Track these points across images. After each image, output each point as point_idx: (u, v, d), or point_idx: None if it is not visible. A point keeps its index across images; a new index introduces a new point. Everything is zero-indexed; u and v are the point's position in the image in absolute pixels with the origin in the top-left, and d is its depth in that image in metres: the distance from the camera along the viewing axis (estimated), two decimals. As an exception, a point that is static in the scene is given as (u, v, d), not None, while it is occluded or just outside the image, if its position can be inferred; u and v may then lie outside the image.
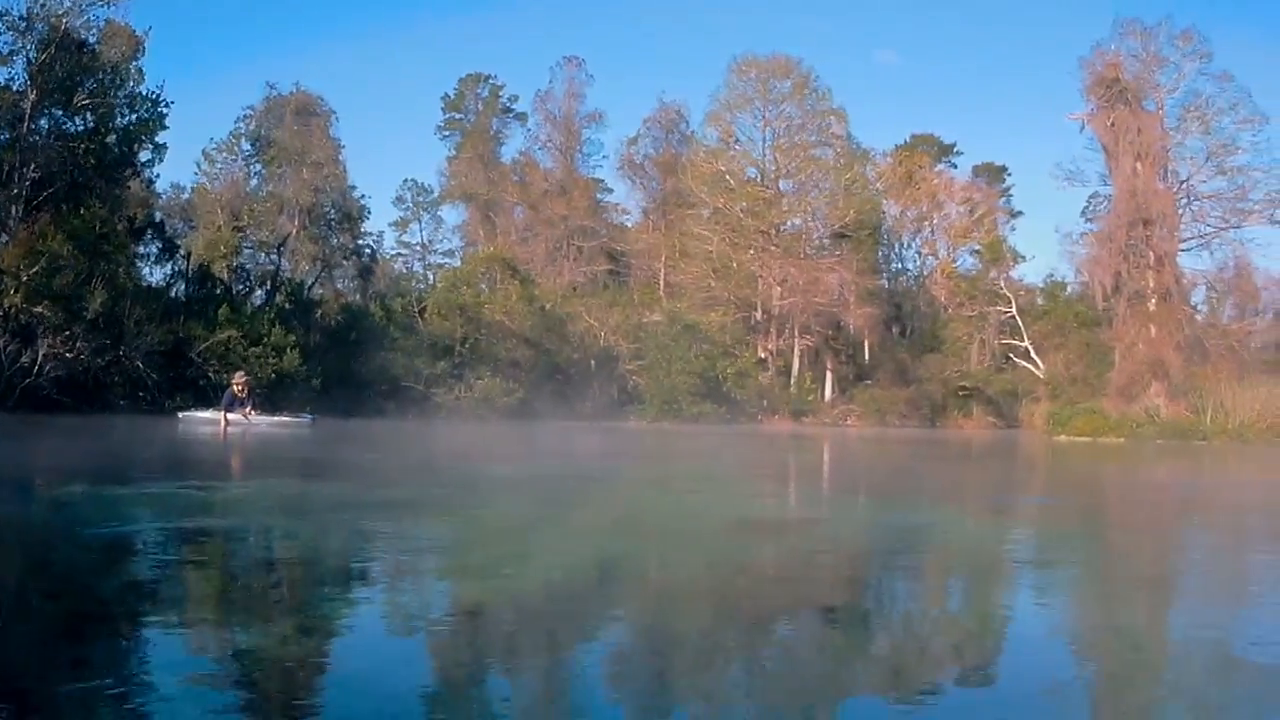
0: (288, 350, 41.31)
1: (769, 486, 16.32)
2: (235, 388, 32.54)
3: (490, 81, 79.25)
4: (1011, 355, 70.83)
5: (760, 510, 11.80)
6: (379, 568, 6.91)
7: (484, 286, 52.30)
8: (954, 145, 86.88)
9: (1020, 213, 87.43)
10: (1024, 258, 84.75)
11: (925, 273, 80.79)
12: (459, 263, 66.00)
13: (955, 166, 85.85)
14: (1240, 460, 32.48)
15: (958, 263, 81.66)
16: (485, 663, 4.68)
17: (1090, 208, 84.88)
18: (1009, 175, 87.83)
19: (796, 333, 66.04)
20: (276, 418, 33.23)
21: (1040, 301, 76.22)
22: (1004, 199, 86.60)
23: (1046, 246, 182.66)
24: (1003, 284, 75.44)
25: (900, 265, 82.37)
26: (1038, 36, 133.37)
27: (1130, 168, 57.64)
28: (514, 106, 78.85)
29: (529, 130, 76.79)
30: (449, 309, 49.34)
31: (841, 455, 29.05)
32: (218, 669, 4.25)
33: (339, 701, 3.87)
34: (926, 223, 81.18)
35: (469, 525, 9.43)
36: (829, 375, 68.09)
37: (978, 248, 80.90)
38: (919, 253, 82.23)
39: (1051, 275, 77.46)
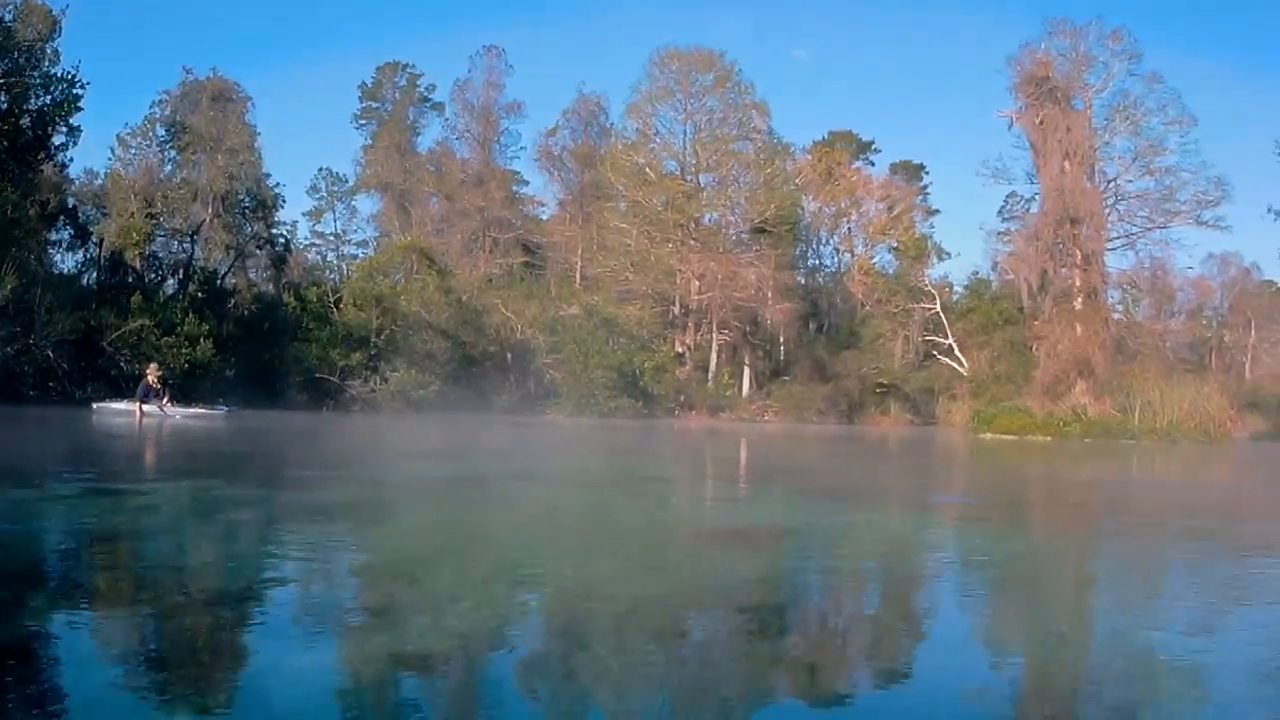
0: (201, 340, 41.48)
1: (714, 488, 16.23)
2: (150, 379, 32.98)
3: (408, 70, 79.60)
4: (935, 352, 72.25)
5: (717, 516, 11.44)
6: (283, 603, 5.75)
7: (400, 277, 52.62)
8: (872, 143, 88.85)
9: (938, 210, 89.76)
10: (948, 254, 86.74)
11: (843, 269, 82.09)
12: (373, 253, 66.25)
13: (873, 164, 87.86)
14: (1168, 460, 33.80)
15: (875, 260, 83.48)
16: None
17: (1007, 207, 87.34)
18: (927, 173, 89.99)
19: (715, 328, 66.84)
20: (192, 409, 33.68)
21: (959, 297, 77.93)
22: (921, 197, 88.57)
23: (970, 244, 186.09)
24: (927, 281, 77.29)
25: (818, 261, 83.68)
26: (953, 36, 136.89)
27: (1058, 166, 59.04)
28: (431, 96, 79.31)
29: (446, 120, 77.21)
30: (365, 299, 49.56)
31: (776, 452, 29.39)
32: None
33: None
34: (845, 219, 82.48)
35: (401, 538, 8.47)
36: (747, 371, 69.14)
37: (896, 244, 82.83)
38: (837, 249, 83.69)
39: (976, 272, 79.47)
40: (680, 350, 65.28)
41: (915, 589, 7.19)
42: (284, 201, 51.59)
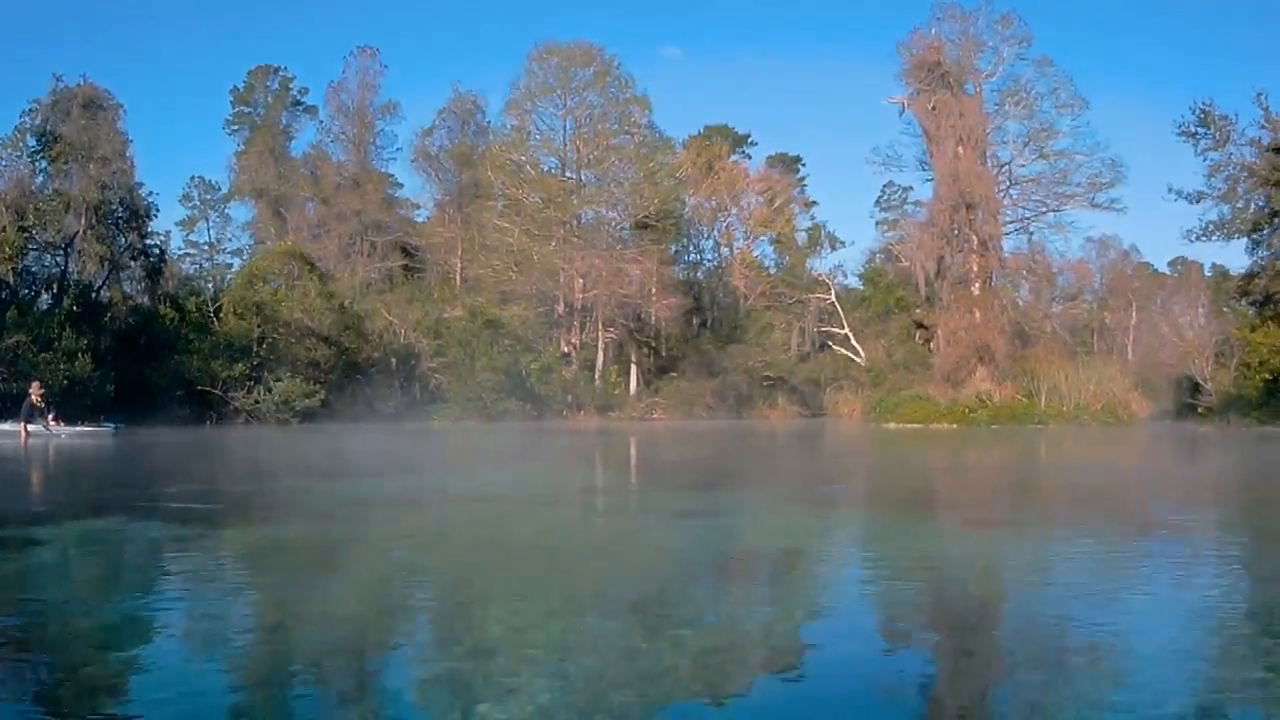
0: (79, 355, 41.37)
1: (656, 496, 15.87)
2: (33, 397, 33.17)
3: (280, 74, 79.47)
4: (831, 343, 73.86)
5: (693, 534, 10.57)
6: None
7: (280, 283, 52.81)
8: (748, 136, 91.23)
9: (816, 202, 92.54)
10: (843, 243, 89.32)
11: (725, 263, 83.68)
12: (249, 261, 64.94)
13: (750, 157, 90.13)
14: (1076, 443, 35.50)
15: (758, 252, 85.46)
16: None
17: (885, 196, 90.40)
18: (803, 165, 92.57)
19: (600, 326, 67.93)
20: (79, 427, 33.86)
21: (852, 286, 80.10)
22: (799, 189, 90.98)
23: (863, 232, 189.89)
24: (819, 271, 79.38)
25: (699, 256, 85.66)
26: (823, 30, 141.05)
27: (952, 151, 60.36)
28: (304, 99, 79.43)
29: (321, 123, 77.33)
30: (245, 307, 49.44)
31: (693, 453, 29.69)
32: None
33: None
34: (725, 213, 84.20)
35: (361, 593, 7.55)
36: (634, 369, 70.47)
37: (778, 237, 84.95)
38: (716, 242, 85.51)
39: (870, 260, 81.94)
40: (566, 350, 66.23)
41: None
42: (158, 210, 51.56)
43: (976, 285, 61.12)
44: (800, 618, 6.70)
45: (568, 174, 70.10)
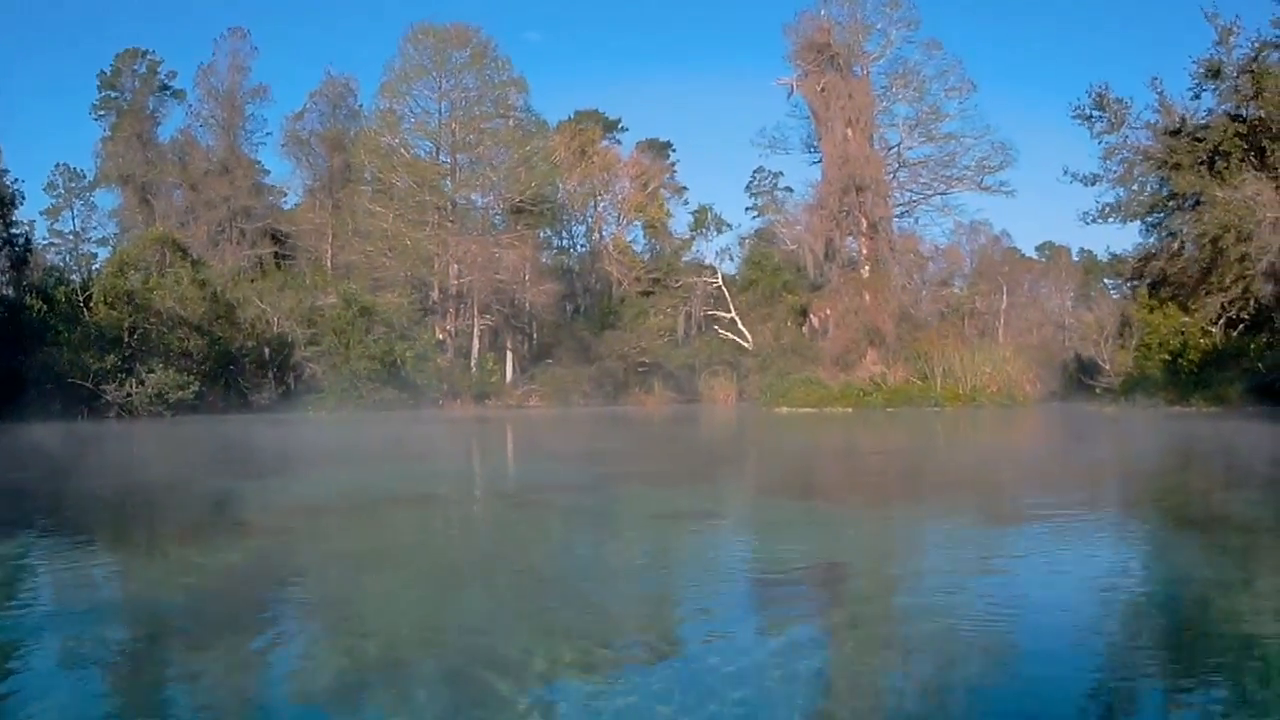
0: (-55, 351, 41.33)
1: (645, 494, 15.15)
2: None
3: (148, 57, 78.21)
4: (718, 327, 74.85)
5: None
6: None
7: (151, 271, 52.63)
8: (619, 121, 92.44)
9: (686, 187, 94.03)
10: (729, 225, 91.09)
11: (600, 248, 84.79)
12: (114, 250, 64.28)
13: (620, 142, 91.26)
14: (989, 425, 37.03)
15: (631, 238, 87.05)
16: None
17: (755, 182, 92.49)
18: (674, 150, 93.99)
19: (476, 312, 68.30)
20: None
21: (737, 270, 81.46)
22: (670, 174, 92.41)
23: (732, 218, 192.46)
24: (706, 255, 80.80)
25: (570, 242, 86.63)
26: (691, 16, 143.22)
27: (841, 134, 61.35)
28: (172, 84, 78.50)
29: (190, 107, 76.66)
30: (116, 296, 49.24)
31: (613, 443, 29.62)
32: None
33: None
34: (599, 198, 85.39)
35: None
36: (510, 356, 71.00)
37: (650, 222, 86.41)
38: (590, 228, 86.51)
39: (742, 245, 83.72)
40: (441, 337, 66.65)
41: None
42: (23, 199, 51.22)
43: (866, 268, 62.19)
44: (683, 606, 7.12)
45: (442, 158, 70.28)
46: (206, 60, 75.17)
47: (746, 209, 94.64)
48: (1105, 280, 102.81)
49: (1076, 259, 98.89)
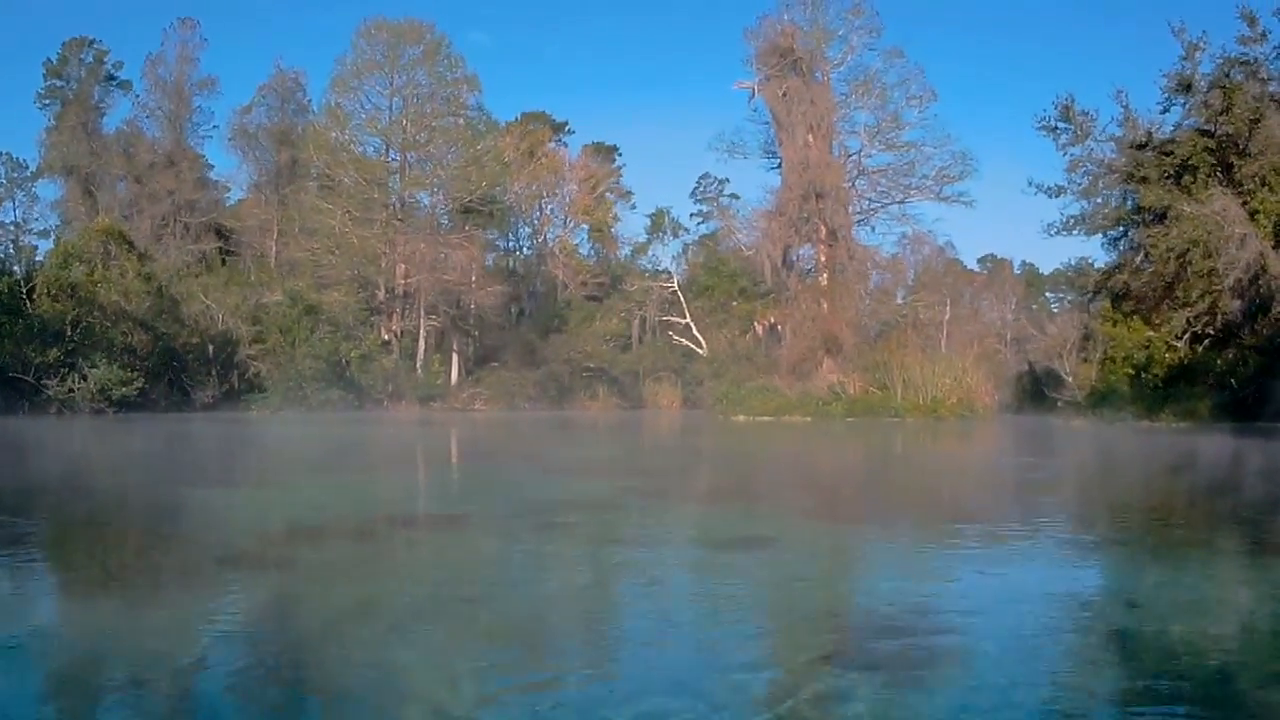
0: (-113, 344, 40.79)
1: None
2: None
3: (95, 46, 77.52)
4: (672, 333, 74.89)
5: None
6: None
7: (97, 263, 52.17)
8: (565, 124, 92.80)
9: (632, 192, 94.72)
10: (686, 229, 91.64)
11: (547, 251, 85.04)
12: (55, 243, 63.90)
13: (566, 145, 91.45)
14: (933, 435, 37.08)
15: (578, 241, 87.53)
16: None
17: (700, 188, 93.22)
18: (620, 154, 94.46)
19: (422, 313, 68.30)
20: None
21: (692, 276, 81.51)
22: (616, 179, 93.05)
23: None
24: (664, 260, 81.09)
25: (516, 244, 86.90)
26: (637, 20, 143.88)
27: (802, 139, 60.97)
28: (119, 74, 77.79)
29: (137, 98, 75.89)
30: (60, 289, 48.94)
31: (591, 451, 28.99)
32: None
33: None
34: (544, 201, 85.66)
35: None
36: (455, 358, 70.99)
37: (595, 225, 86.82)
38: (535, 230, 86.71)
39: (685, 252, 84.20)
40: (386, 337, 66.48)
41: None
42: (-37, 189, 50.78)
43: (824, 276, 61.90)
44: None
45: (392, 155, 70.24)
46: (154, 51, 74.68)
47: (691, 215, 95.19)
48: (1047, 293, 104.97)
49: (1018, 272, 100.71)
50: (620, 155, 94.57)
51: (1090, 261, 57.83)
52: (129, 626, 6.58)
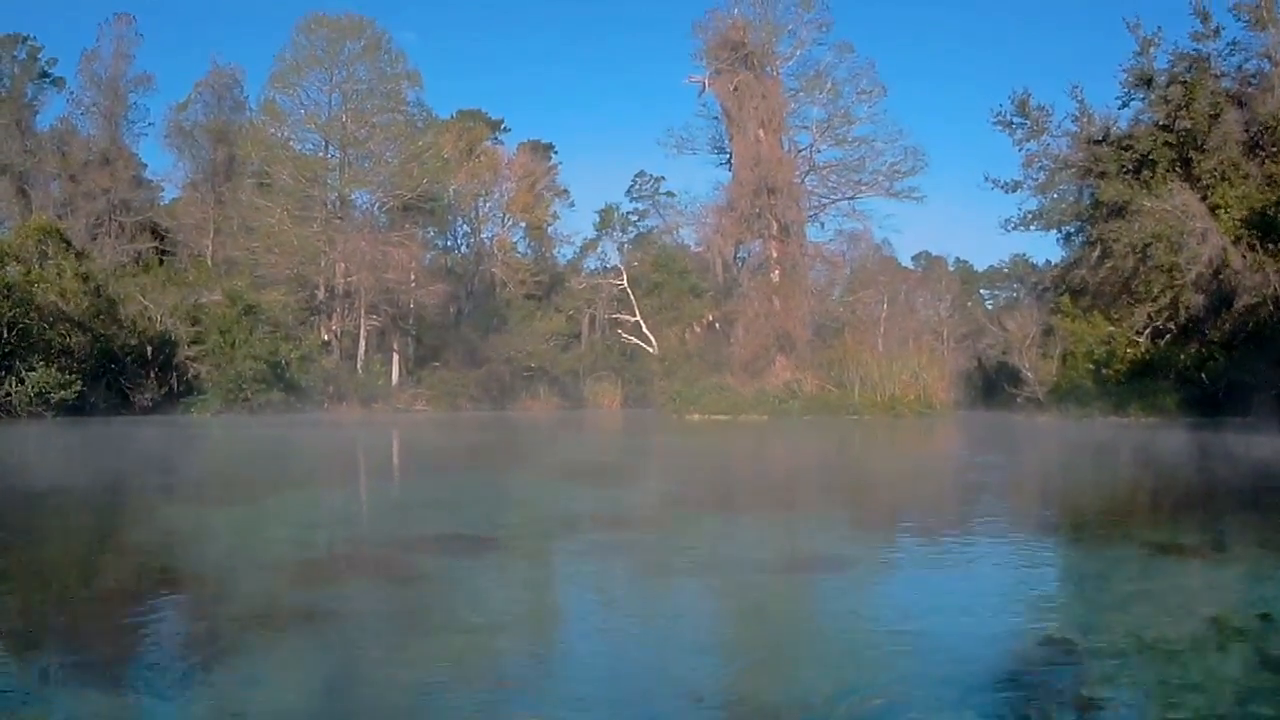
0: None
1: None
2: None
3: (28, 43, 76.43)
4: (622, 331, 75.03)
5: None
6: None
7: (34, 263, 51.48)
8: (501, 121, 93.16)
9: (568, 190, 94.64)
10: (632, 225, 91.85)
11: (487, 250, 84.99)
12: None
13: (503, 143, 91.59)
14: (890, 431, 37.41)
15: (516, 240, 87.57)
16: None
17: (636, 187, 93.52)
18: (556, 152, 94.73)
19: (363, 312, 67.93)
20: None
21: (643, 272, 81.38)
22: (553, 177, 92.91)
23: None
24: (617, 254, 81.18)
25: (455, 242, 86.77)
26: (570, 17, 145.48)
27: (754, 134, 61.16)
28: (52, 71, 76.96)
29: (71, 94, 74.83)
30: None
31: (575, 456, 28.93)
32: None
33: None
34: (483, 198, 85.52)
35: None
36: (395, 358, 70.75)
37: (532, 223, 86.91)
38: (474, 228, 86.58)
39: (621, 248, 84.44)
40: (326, 338, 66.41)
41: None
42: (-104, 191, 49.95)
43: (776, 272, 62.04)
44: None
45: (331, 152, 69.93)
46: (89, 47, 73.57)
47: (627, 212, 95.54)
48: (981, 290, 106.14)
49: (953, 269, 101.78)
50: (557, 153, 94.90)
51: (1027, 258, 58.31)
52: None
